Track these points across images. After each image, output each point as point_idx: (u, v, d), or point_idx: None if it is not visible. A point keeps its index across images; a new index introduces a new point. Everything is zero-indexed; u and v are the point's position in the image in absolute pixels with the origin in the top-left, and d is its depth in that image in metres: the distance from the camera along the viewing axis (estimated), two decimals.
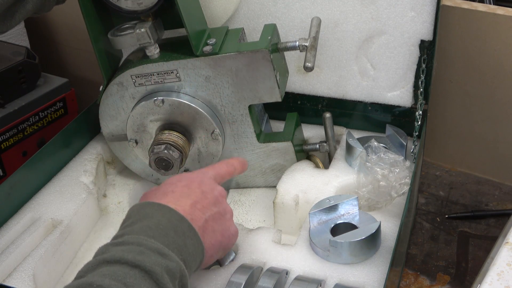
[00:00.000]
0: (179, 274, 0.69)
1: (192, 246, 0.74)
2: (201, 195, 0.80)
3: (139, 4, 0.99)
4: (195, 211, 0.78)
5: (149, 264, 0.65)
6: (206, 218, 0.79)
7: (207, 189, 0.82)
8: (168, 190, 0.80)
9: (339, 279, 0.91)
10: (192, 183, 0.82)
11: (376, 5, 1.12)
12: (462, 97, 1.31)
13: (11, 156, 1.37)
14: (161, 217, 0.73)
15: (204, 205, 0.80)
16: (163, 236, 0.71)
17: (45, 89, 1.44)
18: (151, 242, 0.69)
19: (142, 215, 0.73)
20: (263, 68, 1.01)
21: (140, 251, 0.67)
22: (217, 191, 0.84)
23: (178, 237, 0.73)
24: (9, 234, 1.02)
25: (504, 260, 0.74)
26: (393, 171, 1.02)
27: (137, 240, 0.68)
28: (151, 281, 0.65)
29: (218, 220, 0.82)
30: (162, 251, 0.68)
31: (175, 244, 0.71)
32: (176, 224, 0.74)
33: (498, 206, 1.30)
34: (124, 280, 0.63)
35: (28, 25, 1.64)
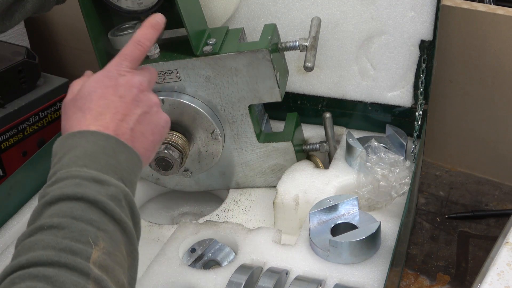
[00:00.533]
0: (122, 195, 0.67)
1: (126, 160, 0.72)
2: (120, 102, 0.75)
3: (139, 4, 0.99)
4: (118, 125, 0.73)
5: (91, 194, 0.64)
6: (132, 127, 0.74)
7: (124, 92, 0.76)
8: (85, 107, 0.74)
9: (339, 279, 0.91)
10: (107, 90, 0.75)
11: (376, 5, 1.12)
12: (462, 97, 1.31)
13: (11, 156, 1.37)
14: (85, 143, 0.70)
15: (126, 112, 0.75)
16: (94, 161, 0.68)
17: (45, 89, 1.44)
18: (84, 172, 0.66)
19: (67, 147, 0.70)
20: (263, 68, 1.01)
21: (77, 183, 0.65)
22: (135, 87, 0.77)
23: (109, 157, 0.70)
24: (9, 234, 1.02)
25: (504, 260, 0.74)
26: (393, 171, 1.02)
27: (70, 174, 0.66)
28: (98, 210, 0.64)
29: (144, 121, 0.76)
30: (98, 178, 0.66)
31: (108, 166, 0.69)
32: (103, 145, 0.70)
33: (498, 206, 1.30)
34: (71, 215, 0.62)
35: (28, 25, 1.65)
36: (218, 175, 1.16)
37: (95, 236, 0.61)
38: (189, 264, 0.99)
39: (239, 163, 1.14)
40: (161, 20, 0.84)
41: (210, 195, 1.24)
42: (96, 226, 0.62)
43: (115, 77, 0.76)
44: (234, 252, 1.00)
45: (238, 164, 1.14)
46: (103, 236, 0.62)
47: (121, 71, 0.77)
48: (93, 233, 0.61)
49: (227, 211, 1.13)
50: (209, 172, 1.15)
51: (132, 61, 0.79)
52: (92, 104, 0.74)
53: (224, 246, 1.01)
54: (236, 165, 1.14)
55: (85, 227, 0.62)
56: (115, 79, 0.76)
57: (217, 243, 1.01)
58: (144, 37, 0.81)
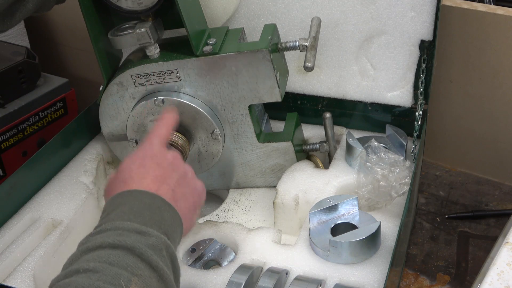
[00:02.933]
0: (164, 245, 0.70)
1: (170, 218, 0.75)
2: (158, 168, 0.80)
3: (139, 4, 0.99)
4: (159, 186, 0.78)
5: (130, 242, 0.67)
6: (173, 188, 0.79)
7: (160, 160, 0.81)
8: (126, 177, 0.79)
9: (339, 279, 0.91)
10: (144, 160, 0.81)
11: (376, 5, 1.12)
12: (462, 97, 1.32)
13: (11, 156, 1.37)
14: (133, 201, 0.74)
15: (165, 176, 0.80)
16: (139, 216, 0.72)
17: (45, 89, 1.44)
18: (128, 224, 0.70)
19: (115, 205, 0.74)
20: (263, 68, 1.01)
21: (119, 234, 0.68)
22: (170, 156, 0.83)
23: (154, 213, 0.73)
24: (9, 234, 1.02)
25: (504, 260, 0.74)
26: (393, 171, 1.02)
27: (114, 225, 0.69)
28: (134, 257, 0.66)
29: (183, 184, 0.81)
30: (140, 230, 0.69)
31: (152, 221, 0.72)
32: (149, 203, 0.74)
33: (498, 206, 1.30)
34: (108, 260, 0.64)
35: (28, 25, 1.64)
36: (218, 175, 1.16)
37: (128, 280, 0.63)
38: (189, 264, 0.99)
39: (239, 163, 1.14)
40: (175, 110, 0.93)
41: (210, 195, 1.24)
42: (130, 271, 0.64)
43: (150, 150, 0.83)
44: (234, 252, 1.00)
45: (238, 164, 1.14)
46: (137, 281, 0.64)
47: (153, 146, 0.84)
48: (126, 277, 0.63)
49: (227, 211, 1.13)
50: (209, 172, 1.15)
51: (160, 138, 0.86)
52: (132, 173, 0.79)
53: (224, 246, 1.01)
54: (236, 165, 1.14)
55: (119, 271, 0.64)
56: (150, 151, 0.82)
57: (217, 243, 1.01)
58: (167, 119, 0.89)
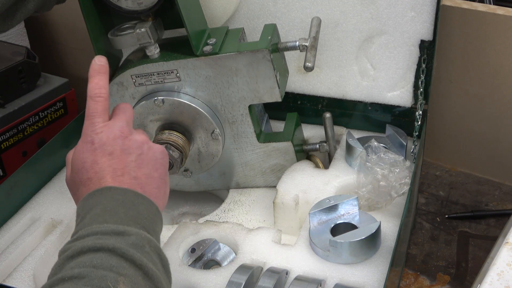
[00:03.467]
0: (145, 241, 0.69)
1: (145, 209, 0.74)
2: (112, 160, 0.76)
3: (139, 4, 0.99)
4: (121, 179, 0.75)
5: (110, 243, 0.66)
6: (134, 175, 0.76)
7: (110, 147, 0.77)
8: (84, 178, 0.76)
9: (339, 279, 0.91)
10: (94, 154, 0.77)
11: (376, 5, 1.12)
12: (462, 97, 1.31)
13: (11, 156, 1.37)
14: (104, 200, 0.72)
15: (122, 165, 0.76)
16: (114, 216, 0.70)
17: (45, 89, 1.44)
18: (105, 226, 0.68)
19: (88, 207, 0.72)
20: (263, 68, 1.01)
21: (97, 238, 0.67)
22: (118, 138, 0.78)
23: (129, 209, 0.72)
24: (9, 234, 1.02)
25: (504, 260, 0.74)
26: (393, 171, 1.02)
27: (91, 230, 0.68)
28: (117, 257, 0.65)
29: (142, 163, 0.78)
30: (118, 230, 0.68)
31: (128, 217, 0.71)
32: (121, 199, 0.73)
33: (498, 206, 1.30)
34: (91, 264, 0.64)
35: (28, 25, 1.64)
36: (218, 175, 1.16)
37: (115, 280, 0.63)
38: (189, 264, 0.99)
39: (239, 163, 1.14)
40: (103, 61, 0.83)
41: (210, 195, 1.24)
42: (116, 271, 0.64)
43: (96, 138, 0.77)
44: (234, 252, 1.00)
45: (238, 164, 1.14)
46: (124, 280, 0.63)
47: (96, 130, 0.78)
48: (113, 278, 0.63)
49: (227, 211, 1.13)
50: (209, 172, 1.15)
51: (100, 115, 0.79)
52: (88, 173, 0.76)
53: (224, 246, 1.01)
54: (236, 165, 1.14)
55: (104, 273, 0.63)
56: (97, 140, 0.77)
57: (217, 243, 1.01)
58: (96, 87, 0.81)
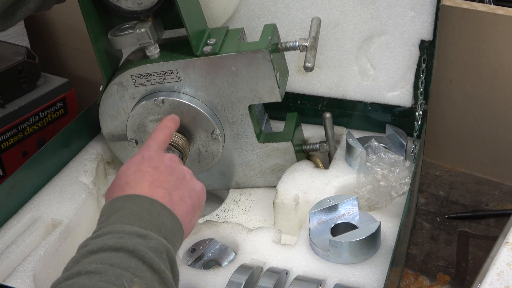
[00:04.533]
0: (164, 248, 0.70)
1: (170, 222, 0.75)
2: (154, 172, 0.80)
3: (139, 4, 0.99)
4: (156, 190, 0.78)
5: (131, 244, 0.67)
6: (169, 192, 0.79)
7: (157, 163, 0.82)
8: (123, 182, 0.79)
9: (339, 279, 0.91)
10: (141, 164, 0.81)
11: (376, 5, 1.12)
12: (462, 97, 1.31)
13: (11, 156, 1.37)
14: (132, 205, 0.74)
15: (162, 180, 0.80)
16: (139, 220, 0.72)
17: (45, 89, 1.44)
18: (128, 228, 0.70)
19: (114, 209, 0.74)
20: (263, 68, 1.01)
21: (120, 237, 0.68)
22: (167, 159, 0.83)
23: (154, 218, 0.74)
24: (9, 234, 1.02)
25: (504, 260, 0.74)
26: (393, 171, 1.02)
27: (115, 229, 0.70)
28: (136, 259, 0.66)
29: (180, 187, 0.81)
30: (141, 233, 0.69)
31: (152, 225, 0.72)
32: (148, 207, 0.74)
33: (498, 206, 1.30)
34: (110, 262, 0.65)
35: (28, 25, 1.64)
36: (218, 175, 1.16)
37: (130, 280, 0.63)
38: (189, 264, 0.99)
39: (239, 163, 1.14)
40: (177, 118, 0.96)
41: (210, 195, 1.24)
42: (133, 272, 0.65)
43: (147, 154, 0.83)
44: (234, 252, 1.00)
45: (238, 164, 1.14)
46: (139, 282, 0.64)
47: (149, 150, 0.84)
48: (129, 278, 0.64)
49: (227, 211, 1.13)
50: (209, 172, 1.15)
51: (158, 143, 0.87)
52: (128, 178, 0.79)
53: (224, 246, 1.01)
54: (236, 165, 1.14)
55: (121, 272, 0.64)
56: (147, 155, 0.83)
57: (217, 243, 1.01)
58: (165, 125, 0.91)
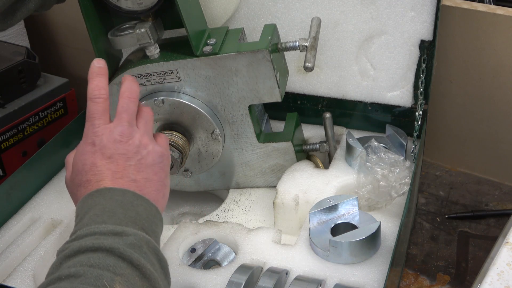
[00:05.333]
0: (143, 242, 0.69)
1: (144, 210, 0.74)
2: (111, 163, 0.77)
3: (139, 4, 0.99)
4: (120, 181, 0.76)
5: (108, 244, 0.66)
6: (133, 179, 0.77)
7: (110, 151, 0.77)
8: (83, 180, 0.76)
9: (339, 279, 0.91)
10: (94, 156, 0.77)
11: (376, 5, 1.12)
12: (462, 97, 1.31)
13: (11, 156, 1.37)
14: (103, 200, 0.73)
15: (121, 169, 0.77)
16: (112, 216, 0.71)
17: (45, 89, 1.44)
18: (103, 227, 0.69)
19: (87, 207, 0.73)
20: (263, 68, 1.01)
21: (96, 238, 0.67)
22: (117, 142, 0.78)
23: (127, 210, 0.72)
24: (9, 234, 1.02)
25: (504, 260, 0.74)
26: (393, 171, 1.02)
27: (90, 231, 0.69)
28: (115, 257, 0.65)
29: (141, 168, 0.78)
30: (116, 231, 0.69)
31: (127, 218, 0.71)
32: (120, 200, 0.73)
33: (498, 206, 1.30)
34: (88, 263, 0.64)
35: (28, 25, 1.64)
36: (218, 175, 1.16)
37: (111, 279, 0.63)
38: (189, 264, 0.99)
39: (239, 163, 1.14)
40: (102, 64, 0.84)
41: (210, 195, 1.24)
42: (112, 271, 0.64)
43: (97, 141, 0.78)
44: (234, 252, 1.00)
45: (238, 164, 1.14)
46: (120, 280, 0.63)
47: (96, 132, 0.79)
48: (109, 277, 0.63)
49: (227, 211, 1.13)
50: (209, 172, 1.15)
51: (100, 117, 0.80)
52: (87, 175, 0.77)
53: (224, 246, 1.01)
54: (236, 165, 1.14)
55: (101, 272, 0.63)
56: (97, 142, 0.78)
57: (217, 243, 1.01)
58: (95, 89, 0.82)
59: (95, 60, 0.84)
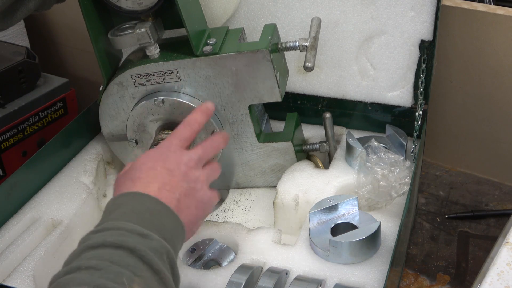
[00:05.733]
0: (164, 250, 0.70)
1: (171, 224, 0.75)
2: (167, 175, 0.79)
3: (139, 4, 0.99)
4: (165, 193, 0.77)
5: (132, 243, 0.67)
6: (177, 198, 0.79)
7: (173, 166, 0.81)
8: (135, 176, 0.79)
9: (339, 279, 0.91)
10: (156, 163, 0.81)
11: (376, 5, 1.12)
12: (462, 97, 1.31)
13: (11, 156, 1.37)
14: (135, 202, 0.75)
15: (173, 184, 0.79)
16: (140, 218, 0.72)
17: (45, 89, 1.44)
18: (130, 225, 0.70)
19: (117, 205, 0.74)
20: (263, 68, 1.01)
21: (121, 234, 0.68)
22: (183, 164, 0.82)
23: (155, 218, 0.74)
24: (9, 234, 1.02)
25: (504, 260, 0.74)
26: (393, 171, 1.02)
27: (116, 225, 0.70)
28: (136, 258, 0.66)
29: (190, 195, 0.81)
30: (142, 232, 0.69)
31: (152, 225, 0.72)
32: (150, 207, 0.75)
33: (498, 206, 1.30)
34: (110, 259, 0.64)
35: (28, 25, 1.64)
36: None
37: (130, 279, 0.63)
38: (189, 264, 0.99)
39: (239, 163, 1.14)
40: (211, 107, 0.93)
41: None
42: (132, 271, 0.64)
43: (165, 153, 0.83)
44: (234, 252, 1.00)
45: (238, 164, 1.14)
46: (139, 281, 0.64)
47: (170, 147, 0.84)
48: (129, 276, 0.63)
49: (227, 211, 1.13)
50: None
51: (181, 140, 0.86)
52: (142, 174, 0.79)
53: (224, 246, 1.01)
54: (236, 165, 1.14)
55: (121, 270, 0.64)
56: (165, 154, 0.82)
57: (217, 243, 1.01)
58: (194, 120, 0.89)
59: (208, 103, 0.94)
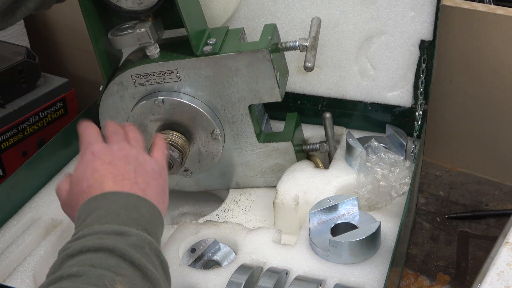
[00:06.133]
0: (145, 242, 0.69)
1: (147, 212, 0.75)
2: (111, 167, 0.78)
3: (139, 4, 0.99)
4: (122, 184, 0.76)
5: (110, 243, 0.66)
6: (134, 181, 0.77)
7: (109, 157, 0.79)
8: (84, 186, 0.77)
9: (339, 279, 0.91)
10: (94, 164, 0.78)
11: (376, 5, 1.12)
12: (462, 97, 1.31)
13: (11, 156, 1.37)
14: (107, 203, 0.73)
15: (122, 172, 0.78)
16: (116, 217, 0.71)
17: (45, 89, 1.44)
18: (105, 226, 0.69)
19: (90, 210, 0.73)
20: (263, 68, 1.01)
21: (98, 237, 0.68)
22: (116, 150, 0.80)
23: (131, 211, 0.73)
24: (9, 234, 1.02)
25: (504, 260, 0.74)
26: (393, 171, 1.02)
27: (92, 230, 0.69)
28: (116, 257, 0.66)
29: (140, 172, 0.79)
30: (119, 230, 0.69)
31: (130, 219, 0.72)
32: (124, 202, 0.74)
33: (498, 206, 1.30)
34: (90, 263, 0.64)
35: (28, 25, 1.64)
36: (218, 175, 1.16)
37: (112, 280, 0.63)
38: (189, 264, 0.99)
39: (239, 163, 1.14)
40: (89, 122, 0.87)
41: (210, 195, 1.24)
42: (114, 271, 0.64)
43: (94, 149, 0.80)
44: (234, 252, 1.00)
45: (238, 164, 1.14)
46: (121, 280, 0.64)
47: (94, 146, 0.80)
48: (110, 277, 0.63)
49: (227, 211, 1.13)
50: (209, 172, 1.15)
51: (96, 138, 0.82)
52: (89, 181, 0.77)
53: (224, 246, 1.01)
54: (236, 165, 1.14)
55: (102, 272, 0.63)
56: (95, 151, 0.79)
57: (217, 243, 1.01)
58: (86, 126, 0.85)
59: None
